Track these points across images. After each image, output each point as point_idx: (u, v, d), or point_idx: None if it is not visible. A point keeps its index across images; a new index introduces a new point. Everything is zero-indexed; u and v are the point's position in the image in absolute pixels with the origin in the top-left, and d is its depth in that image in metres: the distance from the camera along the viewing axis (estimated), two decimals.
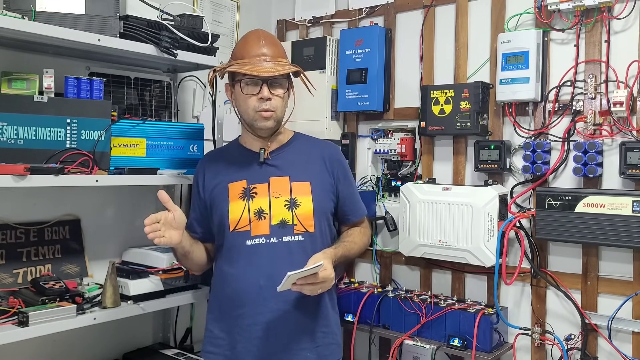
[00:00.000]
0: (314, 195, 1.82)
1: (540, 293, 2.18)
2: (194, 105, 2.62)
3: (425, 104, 2.36)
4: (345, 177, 1.95)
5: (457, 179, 2.39)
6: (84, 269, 2.17)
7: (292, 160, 1.87)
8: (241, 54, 1.80)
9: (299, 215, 1.79)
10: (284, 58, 1.84)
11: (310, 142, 1.97)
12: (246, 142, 1.90)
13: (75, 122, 1.85)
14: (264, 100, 1.76)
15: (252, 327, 1.75)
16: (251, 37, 1.84)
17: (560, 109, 2.13)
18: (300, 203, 1.80)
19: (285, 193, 1.80)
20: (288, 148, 1.90)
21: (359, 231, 1.97)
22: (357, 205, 1.98)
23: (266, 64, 1.76)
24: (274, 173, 1.83)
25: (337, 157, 1.95)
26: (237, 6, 2.82)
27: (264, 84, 1.76)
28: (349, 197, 1.95)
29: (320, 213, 1.83)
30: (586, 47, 2.08)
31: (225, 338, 1.80)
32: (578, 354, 2.07)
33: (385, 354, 2.48)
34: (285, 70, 1.78)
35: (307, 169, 1.86)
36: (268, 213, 1.78)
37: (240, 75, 1.77)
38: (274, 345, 1.75)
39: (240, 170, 1.85)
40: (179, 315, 2.47)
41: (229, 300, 1.80)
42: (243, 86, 1.77)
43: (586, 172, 2.01)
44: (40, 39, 1.79)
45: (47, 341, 2.02)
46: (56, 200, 2.12)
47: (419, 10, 2.52)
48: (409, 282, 2.54)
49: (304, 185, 1.83)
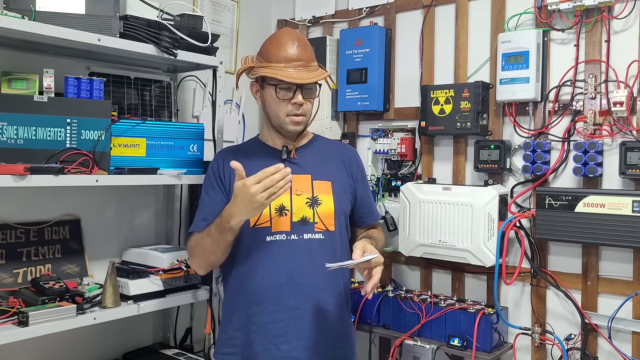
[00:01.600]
0: (335, 194, 1.83)
1: (540, 293, 2.18)
2: (194, 105, 2.62)
3: (425, 103, 2.36)
4: (363, 180, 1.97)
5: (457, 178, 2.39)
6: (84, 269, 2.16)
7: (312, 160, 1.87)
8: (275, 57, 1.77)
9: (320, 214, 1.79)
10: (315, 61, 1.83)
11: (330, 144, 1.99)
12: (268, 140, 1.90)
13: (75, 122, 1.84)
14: (297, 106, 1.77)
15: (270, 325, 1.73)
16: (284, 39, 1.80)
17: (560, 109, 2.13)
18: (322, 201, 1.80)
19: (307, 191, 1.81)
20: (309, 148, 1.91)
21: (378, 231, 1.99)
22: (373, 208, 2.00)
23: (302, 70, 1.76)
24: (295, 170, 1.82)
25: (356, 159, 1.97)
26: (237, 6, 2.81)
27: (297, 90, 1.76)
28: (366, 200, 1.96)
29: (340, 212, 1.84)
30: (586, 47, 2.08)
31: (240, 338, 1.78)
32: (578, 353, 2.07)
33: (385, 354, 2.48)
34: (320, 77, 1.79)
35: (328, 169, 1.87)
36: (289, 210, 1.78)
37: (274, 80, 1.76)
38: (292, 344, 1.74)
39: (261, 166, 1.82)
40: (179, 315, 2.46)
41: (245, 298, 1.77)
42: (277, 91, 1.77)
43: (586, 172, 2.01)
44: (40, 39, 1.78)
45: (47, 341, 2.02)
46: (56, 200, 2.12)
47: (419, 10, 2.52)
48: (409, 282, 2.54)
49: (325, 184, 1.83)
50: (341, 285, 1.85)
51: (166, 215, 2.48)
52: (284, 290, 1.74)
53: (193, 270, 2.13)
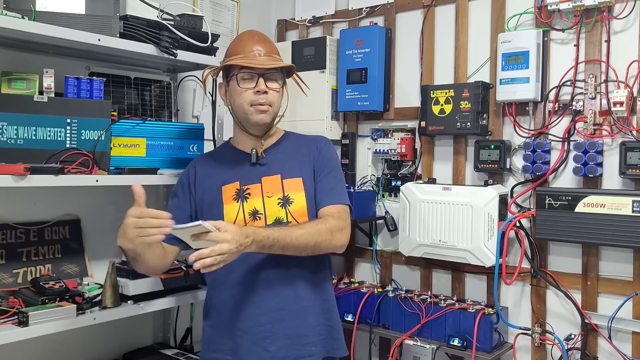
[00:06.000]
0: (307, 190, 1.81)
1: (540, 293, 2.18)
2: (194, 105, 2.62)
3: (425, 103, 2.36)
4: (326, 166, 1.84)
5: (457, 179, 2.39)
6: (84, 269, 2.16)
7: (282, 158, 1.85)
8: (235, 51, 1.81)
9: (292, 212, 1.78)
10: (277, 55, 1.85)
11: (301, 139, 1.94)
12: (238, 143, 1.90)
13: (75, 122, 1.84)
14: (260, 94, 1.76)
15: (256, 329, 1.73)
16: (244, 35, 1.87)
17: (560, 109, 2.13)
18: (293, 200, 1.80)
19: (278, 191, 1.80)
20: (278, 147, 1.89)
21: (314, 220, 1.77)
22: (326, 193, 1.81)
23: (261, 58, 1.78)
24: (265, 172, 1.82)
25: (321, 146, 1.88)
26: (237, 6, 2.81)
27: (260, 77, 1.76)
28: (319, 183, 1.82)
29: (313, 207, 1.81)
30: (586, 47, 2.08)
31: (226, 343, 1.77)
32: (578, 353, 2.07)
33: (385, 354, 2.48)
34: (280, 64, 1.80)
35: (297, 165, 1.84)
36: (263, 213, 1.78)
37: (236, 70, 1.77)
38: (279, 343, 1.73)
39: (232, 171, 1.84)
40: (179, 315, 2.46)
41: (227, 304, 1.78)
42: (239, 80, 1.77)
43: (586, 172, 2.01)
44: (40, 38, 1.78)
45: (47, 341, 2.01)
46: (56, 200, 2.12)
47: (419, 10, 2.52)
48: (409, 282, 2.54)
49: (296, 182, 1.82)
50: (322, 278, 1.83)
51: None
52: (263, 293, 1.73)
53: (193, 271, 2.14)
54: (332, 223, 1.73)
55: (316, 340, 1.77)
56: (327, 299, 1.85)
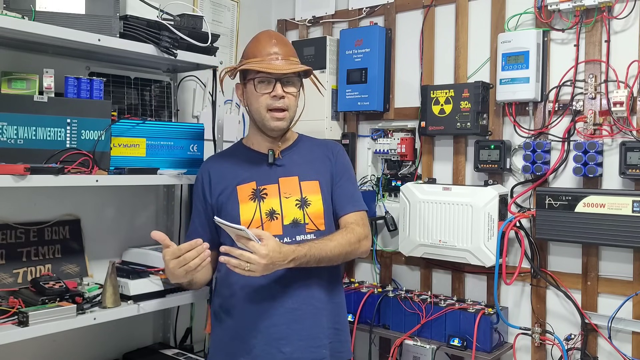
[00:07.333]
0: (323, 193, 1.83)
1: (540, 293, 2.18)
2: (194, 105, 2.62)
3: (425, 104, 2.36)
4: (344, 173, 1.90)
5: (457, 179, 2.39)
6: (84, 269, 2.16)
7: (298, 161, 1.87)
8: (253, 53, 1.80)
9: (310, 214, 1.79)
10: (295, 57, 1.84)
11: (315, 142, 1.97)
12: (253, 144, 1.90)
13: (75, 122, 1.84)
14: (277, 99, 1.77)
15: (271, 329, 1.73)
16: (262, 36, 1.84)
17: (560, 109, 2.13)
18: (311, 202, 1.80)
19: (296, 193, 1.81)
20: (294, 149, 1.90)
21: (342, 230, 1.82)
22: (344, 199, 1.86)
23: (279, 62, 1.77)
24: (282, 173, 1.83)
25: (337, 153, 1.93)
26: (237, 6, 2.81)
27: (277, 82, 1.76)
28: (338, 190, 1.86)
29: (329, 211, 1.84)
30: (586, 47, 2.08)
31: (237, 344, 1.77)
32: (578, 354, 2.07)
33: (385, 354, 2.48)
34: (298, 69, 1.79)
35: (314, 169, 1.86)
36: (280, 213, 1.78)
37: (253, 74, 1.77)
38: (294, 344, 1.73)
39: (248, 171, 1.84)
40: (179, 315, 2.46)
41: (240, 303, 1.77)
42: (256, 84, 1.77)
43: (586, 172, 2.01)
44: (40, 39, 1.78)
45: (47, 341, 2.01)
46: (56, 200, 2.12)
47: (419, 10, 2.52)
48: (409, 282, 2.54)
49: (313, 184, 1.83)
50: (335, 281, 1.85)
51: (166, 215, 2.47)
52: (278, 294, 1.73)
53: None
54: (358, 232, 1.80)
55: (326, 343, 1.77)
56: (339, 302, 1.86)
